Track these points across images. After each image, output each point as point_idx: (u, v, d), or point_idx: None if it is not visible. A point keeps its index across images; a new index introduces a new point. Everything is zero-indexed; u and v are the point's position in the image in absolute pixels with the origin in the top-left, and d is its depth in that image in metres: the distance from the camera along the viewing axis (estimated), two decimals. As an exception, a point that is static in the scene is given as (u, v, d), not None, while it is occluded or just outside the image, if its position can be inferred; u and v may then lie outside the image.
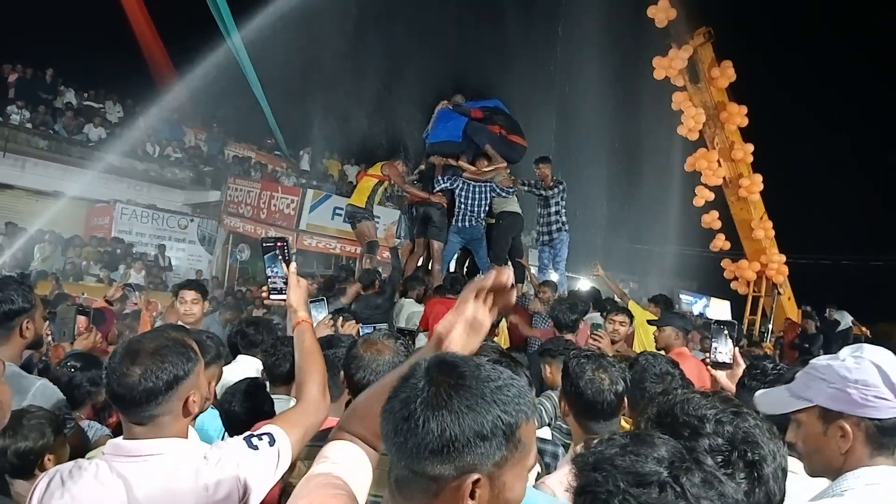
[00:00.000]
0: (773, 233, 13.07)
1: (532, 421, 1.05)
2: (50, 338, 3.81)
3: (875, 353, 1.67)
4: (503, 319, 6.25)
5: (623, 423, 2.56)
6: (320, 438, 2.10)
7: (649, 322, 5.61)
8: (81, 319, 3.95)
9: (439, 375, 1.05)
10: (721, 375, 2.58)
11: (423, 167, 8.77)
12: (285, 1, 15.57)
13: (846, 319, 12.44)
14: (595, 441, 1.01)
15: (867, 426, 1.63)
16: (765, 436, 1.26)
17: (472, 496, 1.01)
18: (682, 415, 1.31)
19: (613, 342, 4.91)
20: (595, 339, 4.44)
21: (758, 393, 1.91)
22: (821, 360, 1.77)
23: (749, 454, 1.23)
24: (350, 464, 1.36)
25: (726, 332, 2.61)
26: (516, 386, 1.05)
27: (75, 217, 18.19)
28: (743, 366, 2.62)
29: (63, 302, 7.68)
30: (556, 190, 8.65)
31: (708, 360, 2.62)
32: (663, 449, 0.92)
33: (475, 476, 1.01)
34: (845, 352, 1.74)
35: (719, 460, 1.23)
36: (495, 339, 4.90)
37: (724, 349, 2.58)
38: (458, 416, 1.00)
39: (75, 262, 15.65)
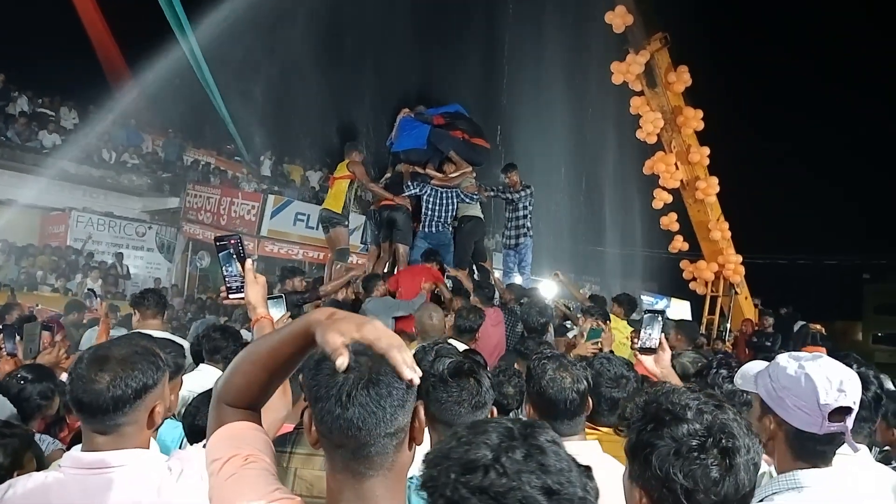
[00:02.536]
0: (729, 234, 13.31)
1: None
2: (3, 350, 3.72)
3: (817, 370, 1.76)
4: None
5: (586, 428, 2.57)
6: (278, 443, 2.09)
7: (630, 323, 5.72)
8: (45, 335, 3.89)
9: (359, 355, 1.17)
10: (647, 360, 2.68)
11: (388, 175, 8.75)
12: (243, 6, 15.43)
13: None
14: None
15: (788, 430, 1.79)
16: (742, 430, 1.31)
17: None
18: (667, 403, 1.35)
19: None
20: (595, 348, 4.48)
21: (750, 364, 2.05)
22: (779, 358, 1.90)
23: (724, 441, 1.27)
24: (264, 447, 1.32)
25: (658, 318, 2.70)
26: None
27: (29, 225, 17.77)
28: (668, 351, 2.71)
29: (10, 311, 7.54)
30: (523, 193, 8.73)
31: (636, 346, 2.71)
32: (494, 434, 1.00)
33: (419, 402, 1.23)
34: (797, 358, 1.83)
35: (694, 444, 1.27)
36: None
37: (654, 335, 2.67)
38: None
39: (29, 272, 15.28)
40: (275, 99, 21.13)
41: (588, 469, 1.02)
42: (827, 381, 1.75)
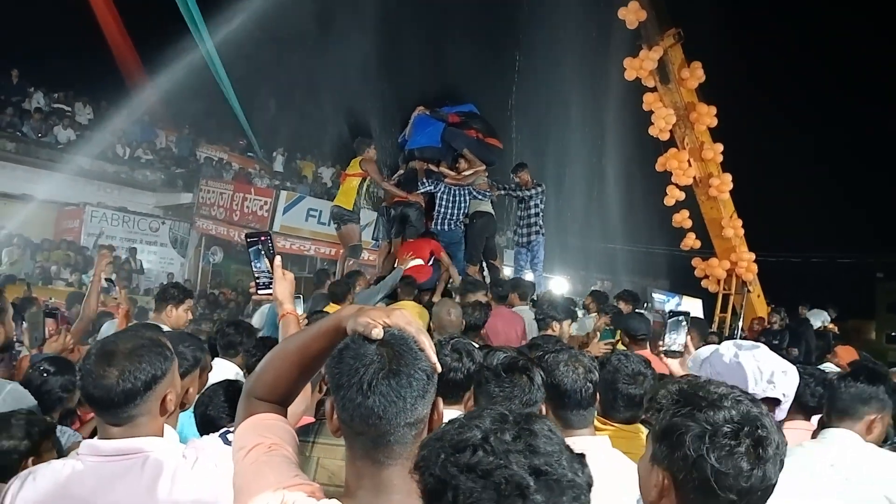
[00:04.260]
0: (742, 231, 13.21)
1: None
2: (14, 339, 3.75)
3: (750, 360, 1.81)
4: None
5: (597, 422, 2.58)
6: (301, 433, 2.13)
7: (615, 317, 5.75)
8: (50, 322, 3.89)
9: (380, 346, 1.21)
10: (673, 363, 2.68)
11: (402, 172, 8.78)
12: (256, 3, 15.48)
13: (821, 318, 12.58)
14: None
15: None
16: (773, 426, 1.33)
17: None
18: (704, 392, 1.37)
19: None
20: (607, 348, 4.52)
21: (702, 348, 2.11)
22: (723, 345, 2.00)
23: (759, 432, 1.30)
24: (287, 437, 1.38)
25: (683, 322, 2.69)
26: None
27: (45, 220, 17.90)
28: (694, 353, 2.70)
29: (28, 305, 7.61)
30: (535, 191, 8.74)
31: (661, 349, 2.71)
32: (488, 419, 1.01)
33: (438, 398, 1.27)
34: (737, 347, 1.89)
35: (728, 430, 1.29)
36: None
37: (680, 339, 2.67)
38: (418, 359, 1.21)
39: (44, 266, 15.42)
40: (288, 95, 21.21)
41: (581, 456, 1.03)
42: (758, 371, 1.79)
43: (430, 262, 7.63)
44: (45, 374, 3.02)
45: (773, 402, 1.84)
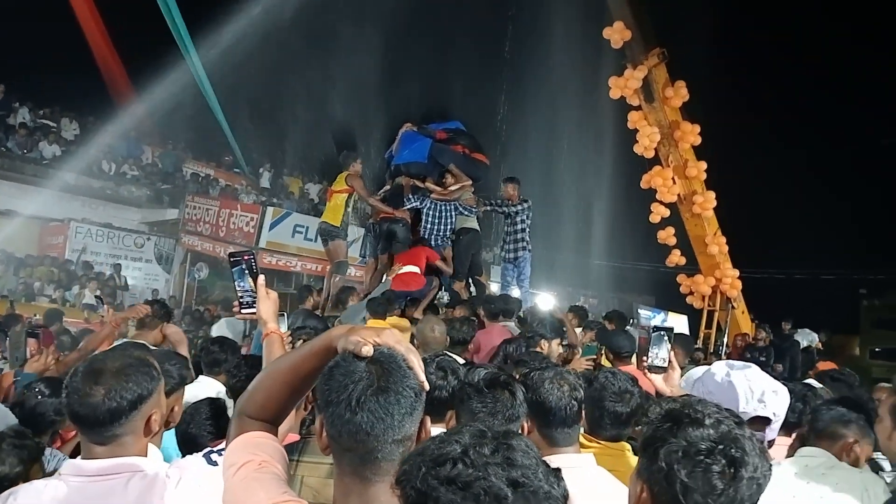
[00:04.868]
0: (726, 248, 13.31)
1: None
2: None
3: (741, 380, 1.85)
4: None
5: (582, 439, 2.59)
6: (286, 451, 2.12)
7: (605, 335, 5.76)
8: (31, 342, 3.85)
9: (369, 364, 1.23)
10: (657, 379, 2.69)
11: (388, 187, 8.78)
12: (244, 19, 15.53)
13: (808, 338, 12.65)
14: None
15: None
16: (755, 449, 1.33)
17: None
18: (690, 411, 1.39)
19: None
20: (589, 364, 4.53)
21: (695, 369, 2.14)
22: (715, 365, 2.04)
23: (733, 452, 1.30)
24: (277, 456, 1.39)
25: (665, 337, 2.70)
26: None
27: (29, 236, 17.74)
28: (678, 369, 2.71)
29: (13, 322, 7.53)
30: (521, 207, 8.74)
31: (645, 365, 2.72)
32: (467, 435, 1.04)
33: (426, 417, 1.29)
34: (729, 366, 1.91)
35: (703, 448, 1.31)
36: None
37: (663, 354, 2.68)
38: (406, 377, 1.23)
39: (27, 283, 15.28)
40: (274, 111, 21.23)
41: (557, 470, 1.05)
42: (749, 390, 1.82)
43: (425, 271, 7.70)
44: (39, 396, 2.97)
45: (764, 422, 1.86)
